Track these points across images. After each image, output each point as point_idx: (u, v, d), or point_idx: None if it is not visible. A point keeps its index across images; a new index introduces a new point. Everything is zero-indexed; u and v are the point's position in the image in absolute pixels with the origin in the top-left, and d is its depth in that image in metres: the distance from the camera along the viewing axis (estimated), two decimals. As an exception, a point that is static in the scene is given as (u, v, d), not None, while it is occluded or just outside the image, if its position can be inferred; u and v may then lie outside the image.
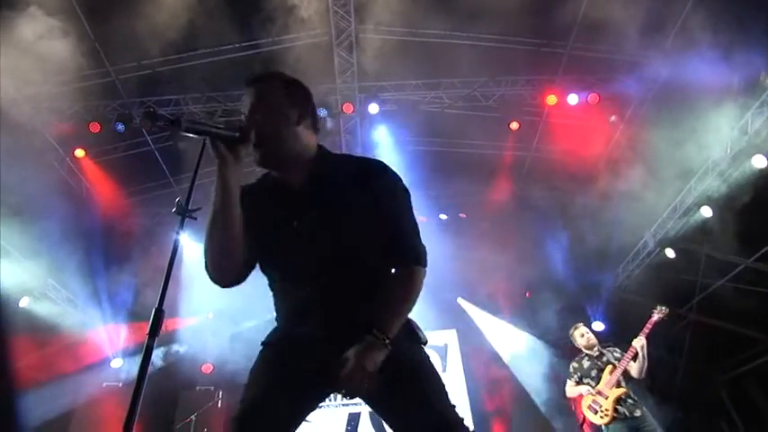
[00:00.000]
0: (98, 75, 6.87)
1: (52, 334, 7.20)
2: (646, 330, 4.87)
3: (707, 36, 5.91)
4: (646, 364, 4.73)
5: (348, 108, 7.72)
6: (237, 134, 1.45)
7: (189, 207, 2.51)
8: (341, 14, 6.97)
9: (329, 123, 7.95)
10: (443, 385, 1.58)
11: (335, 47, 7.29)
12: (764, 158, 6.18)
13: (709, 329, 8.09)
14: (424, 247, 1.62)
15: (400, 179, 1.65)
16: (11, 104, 6.35)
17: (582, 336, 5.20)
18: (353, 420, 8.11)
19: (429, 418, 1.48)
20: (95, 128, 6.86)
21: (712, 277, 7.69)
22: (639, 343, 4.75)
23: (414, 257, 1.58)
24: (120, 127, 6.94)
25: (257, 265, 1.67)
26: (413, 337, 1.62)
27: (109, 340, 7.80)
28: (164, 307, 2.28)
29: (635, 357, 4.75)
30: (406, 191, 1.65)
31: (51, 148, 7.05)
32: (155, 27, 6.12)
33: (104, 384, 7.20)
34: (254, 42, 6.96)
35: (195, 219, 2.58)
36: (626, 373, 4.77)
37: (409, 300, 1.55)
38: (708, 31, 5.91)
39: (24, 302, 7.07)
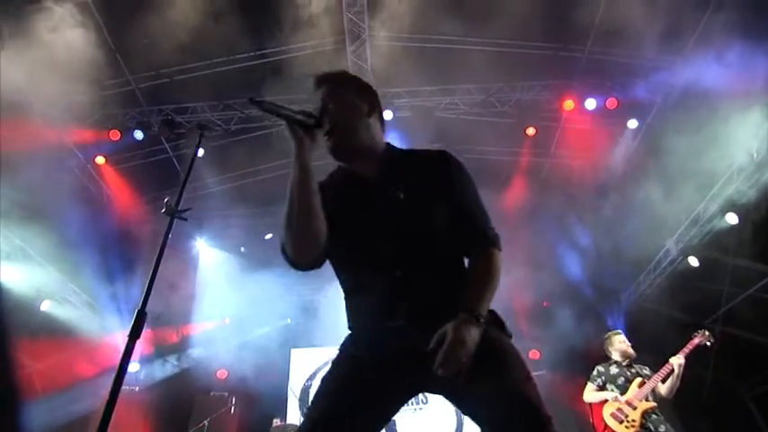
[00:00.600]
0: (118, 84, 7.03)
1: (71, 337, 7.33)
2: (686, 350, 4.69)
3: (728, 40, 5.76)
4: (678, 384, 4.57)
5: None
6: (313, 120, 1.52)
7: (179, 208, 2.53)
8: (354, 20, 7.01)
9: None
10: (535, 382, 1.45)
11: (349, 53, 7.33)
12: (792, 163, 5.96)
13: (736, 341, 7.78)
14: (497, 233, 1.64)
15: (465, 166, 1.68)
16: (35, 111, 6.56)
17: (622, 342, 5.03)
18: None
19: (522, 413, 1.33)
20: (115, 135, 7.02)
21: (739, 287, 7.40)
22: (678, 362, 4.56)
23: (491, 241, 1.60)
24: (139, 134, 7.08)
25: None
26: (499, 325, 1.56)
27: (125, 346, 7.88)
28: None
29: (667, 377, 4.59)
30: (472, 178, 1.68)
31: (73, 155, 7.22)
32: (172, 36, 6.24)
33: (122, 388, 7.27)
34: (268, 50, 7.03)
35: (185, 219, 2.58)
36: (654, 390, 4.61)
37: (493, 280, 1.54)
38: (729, 35, 5.77)
39: (45, 306, 7.23)
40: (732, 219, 6.73)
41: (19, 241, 6.91)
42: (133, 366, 8.03)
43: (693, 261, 7.43)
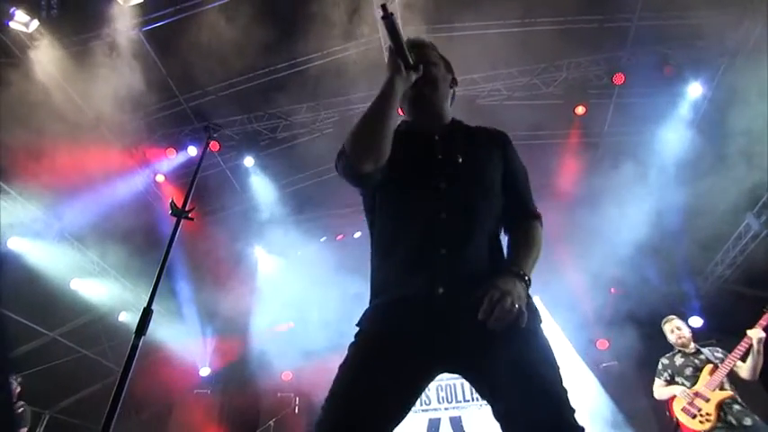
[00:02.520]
0: (171, 105, 7.47)
1: (147, 345, 7.87)
2: (763, 323, 4.02)
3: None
4: (761, 362, 3.93)
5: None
6: (414, 62, 1.59)
7: (185, 209, 2.62)
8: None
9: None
10: (556, 361, 1.38)
11: (386, 50, 7.31)
12: None
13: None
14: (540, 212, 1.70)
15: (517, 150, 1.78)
16: (106, 136, 7.14)
17: (672, 331, 4.45)
18: (434, 427, 7.96)
19: (546, 405, 1.26)
20: (172, 153, 7.46)
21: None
22: (758, 336, 3.93)
23: (536, 215, 1.67)
24: (193, 150, 7.48)
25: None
26: (531, 308, 1.43)
27: (197, 351, 8.38)
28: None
29: (746, 354, 3.97)
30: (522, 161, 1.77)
31: (137, 175, 7.76)
32: (215, 54, 6.55)
33: (195, 391, 7.73)
34: (306, 57, 7.17)
35: (192, 219, 2.68)
36: (732, 375, 4.02)
37: (537, 248, 1.56)
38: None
39: (123, 317, 7.82)
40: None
41: (96, 258, 7.54)
42: (204, 371, 8.50)
43: (778, 235, 6.73)
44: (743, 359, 4.01)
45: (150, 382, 7.81)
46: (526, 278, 1.41)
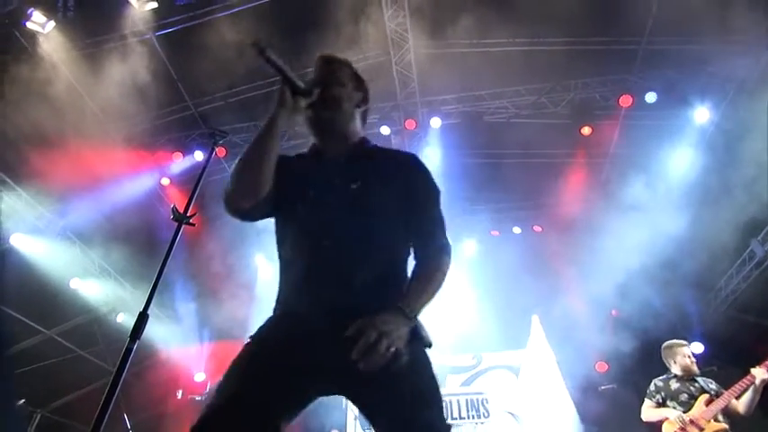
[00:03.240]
0: (179, 109, 7.54)
1: (142, 349, 7.85)
2: None
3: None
4: (758, 398, 3.93)
5: (410, 124, 7.75)
6: (304, 87, 1.55)
7: (186, 214, 2.61)
8: (397, 31, 7.06)
9: (393, 141, 8.02)
10: (439, 396, 1.41)
11: (395, 64, 7.38)
12: None
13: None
14: (450, 243, 1.60)
15: (432, 175, 1.67)
16: (114, 136, 7.20)
17: (687, 356, 4.37)
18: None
19: (412, 426, 1.32)
20: (178, 157, 7.51)
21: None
22: (762, 376, 3.88)
23: (442, 246, 1.57)
24: (199, 155, 7.53)
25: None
26: (415, 332, 1.41)
27: (192, 356, 8.34)
28: (148, 311, 2.33)
29: (745, 391, 3.94)
30: (438, 188, 1.66)
31: (143, 178, 7.80)
32: (225, 61, 6.60)
33: (189, 396, 7.66)
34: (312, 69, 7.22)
35: (193, 225, 2.67)
36: (727, 409, 3.98)
37: (434, 283, 1.48)
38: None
39: (121, 318, 7.81)
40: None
41: (98, 258, 7.55)
42: (199, 376, 8.44)
43: (782, 263, 6.68)
44: (738, 397, 3.99)
45: (144, 385, 7.78)
46: (411, 316, 1.36)
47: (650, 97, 6.80)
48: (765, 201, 6.41)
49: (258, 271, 8.77)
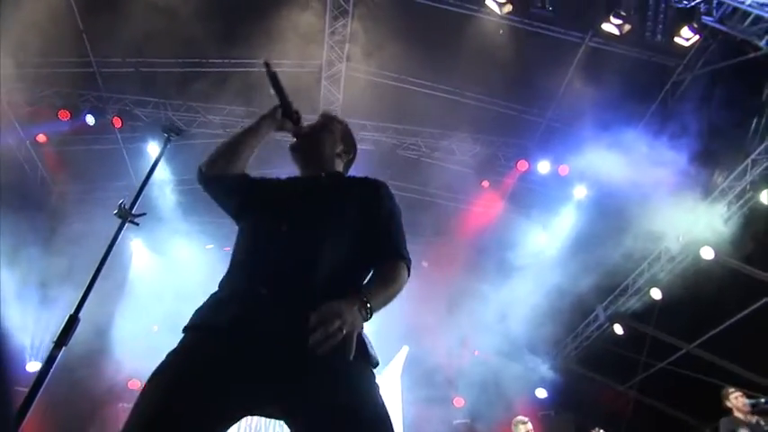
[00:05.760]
0: (77, 63, 6.71)
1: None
2: None
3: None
4: None
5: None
6: (294, 113, 1.80)
7: (133, 212, 2.39)
8: (335, 49, 7.12)
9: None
10: (387, 417, 1.31)
11: (324, 79, 7.41)
12: (711, 250, 6.53)
13: (648, 409, 8.21)
14: (410, 258, 1.64)
15: (395, 198, 1.76)
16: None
17: None
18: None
19: None
20: (65, 115, 6.64)
21: (655, 358, 7.88)
22: None
23: (402, 255, 1.59)
24: (91, 119, 6.74)
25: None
26: (362, 349, 1.34)
27: (28, 342, 7.20)
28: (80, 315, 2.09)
29: None
30: (399, 208, 1.73)
31: (12, 129, 6.73)
32: (145, 28, 6.06)
33: (15, 389, 6.57)
34: (240, 60, 6.97)
35: (137, 224, 2.44)
36: None
37: (393, 285, 1.47)
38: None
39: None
40: (656, 294, 7.21)
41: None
42: (32, 366, 7.31)
43: (618, 329, 7.85)
44: None
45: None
46: (368, 305, 1.32)
47: (543, 167, 7.65)
48: (611, 270, 7.57)
49: (133, 257, 7.99)
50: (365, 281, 1.53)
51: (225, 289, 1.48)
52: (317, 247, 1.48)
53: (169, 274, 7.85)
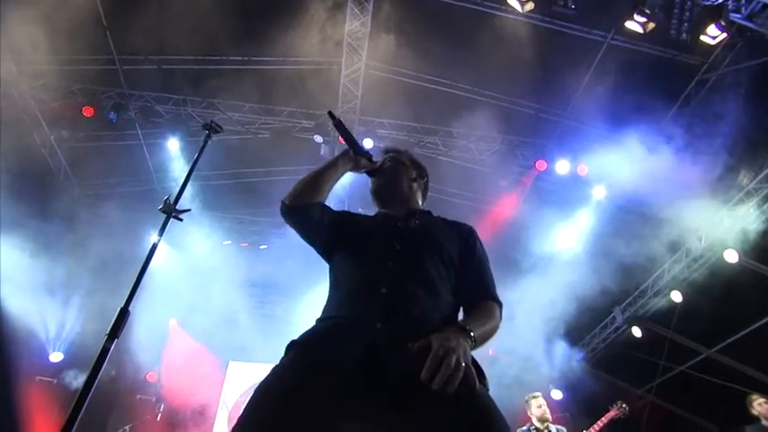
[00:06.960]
0: (102, 61, 6.81)
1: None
2: (599, 424, 4.80)
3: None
4: None
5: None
6: (374, 163, 1.95)
7: (177, 207, 2.40)
8: (354, 47, 7.13)
9: (323, 150, 7.98)
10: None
11: (343, 77, 7.41)
12: (736, 253, 6.41)
13: (665, 414, 8.10)
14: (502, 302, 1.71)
15: (482, 243, 1.84)
16: (7, 76, 6.23)
17: (539, 406, 4.95)
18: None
19: None
20: (89, 112, 6.75)
21: (674, 362, 7.76)
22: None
23: (496, 298, 1.66)
24: (113, 116, 6.84)
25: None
26: (479, 374, 1.33)
27: (50, 333, 7.34)
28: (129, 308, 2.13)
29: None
30: (487, 254, 1.81)
31: (38, 125, 6.87)
32: (167, 25, 6.12)
33: (37, 378, 6.73)
34: (261, 57, 7.01)
35: (181, 220, 2.45)
36: None
37: (492, 321, 1.53)
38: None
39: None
40: (676, 297, 7.10)
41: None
42: (55, 356, 7.46)
43: (636, 331, 7.75)
44: None
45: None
46: (473, 335, 1.33)
47: (561, 167, 7.57)
48: (630, 272, 7.46)
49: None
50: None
51: (342, 316, 1.50)
52: (425, 285, 1.54)
53: (186, 268, 7.95)
